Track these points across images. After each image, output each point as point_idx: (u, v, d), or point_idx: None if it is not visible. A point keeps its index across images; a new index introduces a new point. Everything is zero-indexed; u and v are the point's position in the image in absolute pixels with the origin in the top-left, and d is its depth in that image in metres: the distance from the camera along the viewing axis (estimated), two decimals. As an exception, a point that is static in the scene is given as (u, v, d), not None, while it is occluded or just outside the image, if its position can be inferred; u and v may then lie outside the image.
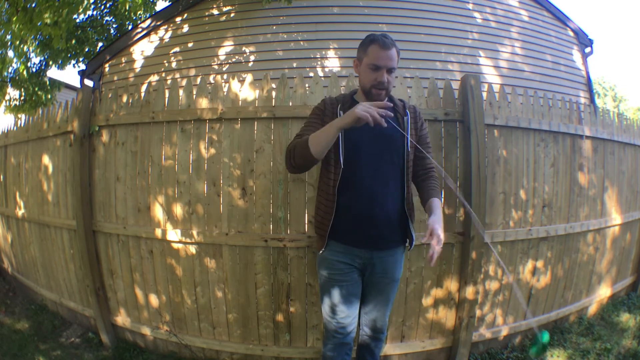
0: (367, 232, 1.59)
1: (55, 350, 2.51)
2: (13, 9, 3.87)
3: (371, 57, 1.53)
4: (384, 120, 1.32)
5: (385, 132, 1.54)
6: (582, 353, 2.41)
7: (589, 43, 6.07)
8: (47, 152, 2.87)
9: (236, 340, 2.31)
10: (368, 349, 1.80)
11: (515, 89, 2.56)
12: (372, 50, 1.53)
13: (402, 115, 1.65)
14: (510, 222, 2.38)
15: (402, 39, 4.93)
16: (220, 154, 2.24)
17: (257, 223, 2.20)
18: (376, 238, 1.60)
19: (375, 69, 1.54)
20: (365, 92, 1.61)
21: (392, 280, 1.68)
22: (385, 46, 1.51)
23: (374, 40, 1.53)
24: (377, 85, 1.55)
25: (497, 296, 2.41)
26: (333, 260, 1.64)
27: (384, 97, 1.59)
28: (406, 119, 1.65)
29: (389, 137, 1.59)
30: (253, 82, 2.27)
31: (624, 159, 3.07)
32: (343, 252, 1.63)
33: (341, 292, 1.64)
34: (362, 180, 1.58)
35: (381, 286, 1.68)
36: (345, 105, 1.63)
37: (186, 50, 5.28)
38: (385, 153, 1.60)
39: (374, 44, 1.52)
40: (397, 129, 1.58)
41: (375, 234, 1.59)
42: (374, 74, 1.54)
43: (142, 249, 2.40)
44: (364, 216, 1.57)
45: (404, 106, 1.68)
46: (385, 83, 1.54)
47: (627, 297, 3.26)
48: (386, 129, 1.52)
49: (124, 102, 2.47)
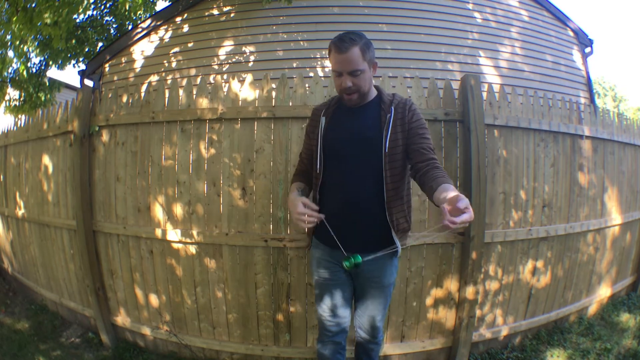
0: (342, 234, 1.53)
1: (55, 350, 2.51)
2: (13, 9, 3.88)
3: (332, 64, 1.48)
4: (304, 224, 1.44)
5: (364, 135, 1.52)
6: (582, 353, 2.41)
7: (589, 43, 6.07)
8: (47, 152, 2.87)
9: (236, 340, 2.31)
10: (364, 351, 1.81)
11: (515, 89, 2.56)
12: (332, 57, 1.47)
13: (386, 113, 1.53)
14: (510, 222, 2.38)
15: (402, 39, 4.95)
16: (220, 154, 2.24)
17: (257, 223, 2.20)
18: (352, 241, 1.53)
19: (338, 75, 1.48)
20: (340, 98, 1.58)
21: (380, 285, 1.62)
22: (340, 50, 1.42)
23: (331, 45, 1.46)
24: (344, 91, 1.50)
25: (497, 296, 2.41)
26: (320, 259, 1.67)
27: (357, 100, 1.52)
28: (389, 116, 1.52)
29: (368, 140, 1.52)
30: (253, 82, 2.27)
31: (624, 159, 3.07)
32: (328, 252, 1.63)
33: (327, 291, 1.65)
34: (340, 183, 1.56)
35: (369, 291, 1.64)
36: (329, 110, 1.62)
37: (186, 50, 5.28)
38: (364, 155, 1.53)
39: (332, 50, 1.46)
40: (377, 129, 1.51)
41: (350, 237, 1.53)
42: (338, 80, 1.49)
43: (142, 249, 2.40)
44: (339, 219, 1.55)
45: (390, 102, 1.56)
46: (350, 88, 1.47)
47: (627, 297, 3.26)
48: (366, 130, 1.53)
49: (124, 102, 2.47)
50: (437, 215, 2.23)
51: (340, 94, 1.53)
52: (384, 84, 2.22)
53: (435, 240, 2.20)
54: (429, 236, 2.15)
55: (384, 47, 4.89)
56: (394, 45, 4.93)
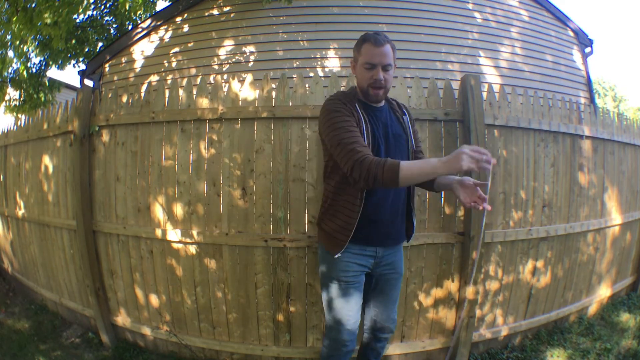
0: (385, 230, 1.62)
1: (55, 350, 2.51)
2: (13, 9, 3.88)
3: (365, 56, 1.52)
4: (489, 167, 1.21)
5: (396, 132, 1.61)
6: (582, 353, 2.41)
7: (589, 43, 6.07)
8: (47, 152, 2.87)
9: (236, 340, 2.31)
10: (373, 350, 1.82)
11: (515, 89, 2.56)
12: (365, 49, 1.52)
13: (401, 115, 1.68)
14: (510, 222, 2.38)
15: (402, 39, 4.94)
16: (220, 154, 2.24)
17: (257, 223, 2.20)
18: (391, 234, 1.65)
19: (370, 68, 1.52)
20: (363, 92, 1.59)
21: (399, 274, 1.76)
22: (378, 43, 1.49)
23: (366, 39, 1.52)
24: (374, 84, 1.53)
25: (497, 296, 2.41)
26: (349, 263, 1.62)
27: (382, 96, 1.58)
28: (405, 118, 1.68)
29: (399, 137, 1.62)
30: (253, 82, 2.27)
31: (624, 159, 3.07)
32: (359, 253, 1.63)
33: (354, 296, 1.63)
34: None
35: (392, 282, 1.73)
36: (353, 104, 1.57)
37: (186, 50, 5.28)
38: (398, 151, 1.61)
39: (367, 42, 1.51)
40: (401, 128, 1.64)
41: (392, 231, 1.65)
42: (369, 73, 1.53)
43: (142, 249, 2.40)
44: (387, 215, 1.60)
45: (398, 105, 1.71)
46: (381, 81, 1.52)
47: (627, 297, 3.26)
48: (395, 128, 1.61)
49: (124, 102, 2.47)
50: (436, 215, 2.23)
51: (368, 87, 1.55)
52: (384, 84, 2.22)
53: (435, 240, 2.21)
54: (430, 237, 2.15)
55: (384, 47, 4.88)
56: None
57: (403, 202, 1.65)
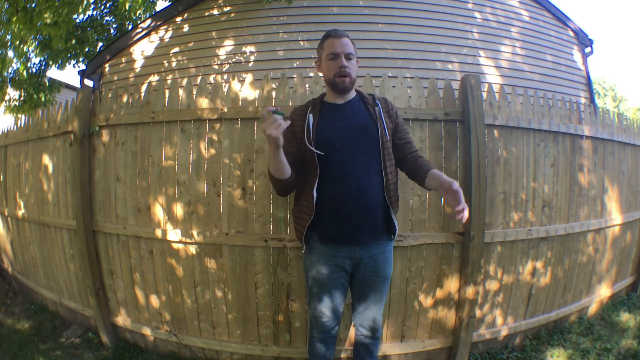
0: (352, 224, 1.59)
1: (55, 351, 2.51)
2: (13, 9, 3.88)
3: (328, 48, 1.62)
4: (283, 122, 1.41)
5: (359, 123, 1.63)
6: (582, 353, 2.41)
7: (589, 43, 6.07)
8: (47, 152, 2.87)
9: (236, 340, 2.31)
10: (366, 349, 1.81)
11: (516, 89, 2.56)
12: (327, 43, 1.63)
13: (373, 106, 1.69)
14: (510, 222, 2.38)
15: (402, 39, 4.95)
16: (220, 154, 2.24)
17: (257, 223, 2.20)
18: (362, 230, 1.60)
19: (334, 58, 1.60)
20: (331, 85, 1.66)
21: (383, 278, 1.70)
22: (338, 35, 1.61)
23: (327, 35, 1.65)
24: (339, 72, 1.60)
25: (497, 296, 2.41)
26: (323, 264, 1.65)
27: (349, 84, 1.64)
28: (377, 109, 1.68)
29: (364, 127, 1.64)
30: (253, 82, 2.27)
31: (624, 159, 3.07)
32: (332, 254, 1.64)
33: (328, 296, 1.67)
34: (342, 175, 1.59)
35: (374, 285, 1.69)
36: (315, 108, 1.67)
37: (186, 50, 5.28)
38: (362, 143, 1.62)
39: (329, 37, 1.64)
40: (370, 119, 1.65)
41: (362, 227, 1.60)
42: (334, 63, 1.61)
43: (142, 249, 2.40)
44: (349, 208, 1.58)
45: (373, 98, 1.73)
46: (345, 68, 1.60)
47: (627, 297, 3.26)
48: (360, 119, 1.64)
49: (124, 102, 2.47)
50: (436, 215, 2.23)
51: (334, 77, 1.62)
52: (384, 83, 2.22)
53: (435, 240, 2.21)
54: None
55: (383, 47, 4.89)
56: (394, 45, 4.93)
57: (375, 196, 1.60)
